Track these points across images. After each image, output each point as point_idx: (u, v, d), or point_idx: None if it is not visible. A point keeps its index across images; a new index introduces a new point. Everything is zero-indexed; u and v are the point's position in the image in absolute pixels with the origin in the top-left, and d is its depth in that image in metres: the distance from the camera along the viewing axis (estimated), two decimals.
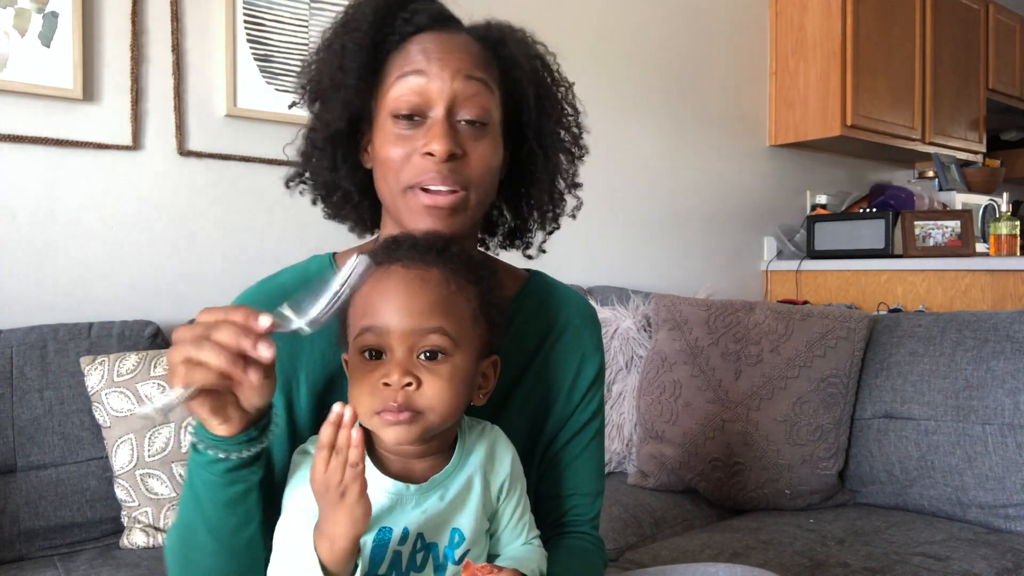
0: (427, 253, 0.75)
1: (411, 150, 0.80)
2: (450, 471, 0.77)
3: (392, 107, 0.81)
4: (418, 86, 0.80)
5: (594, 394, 0.96)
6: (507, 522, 0.82)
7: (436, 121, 0.80)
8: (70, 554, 1.51)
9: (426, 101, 0.80)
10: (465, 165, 0.81)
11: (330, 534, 0.67)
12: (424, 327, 0.71)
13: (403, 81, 0.80)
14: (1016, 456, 1.63)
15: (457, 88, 0.80)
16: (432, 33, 0.83)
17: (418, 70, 0.80)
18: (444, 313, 0.72)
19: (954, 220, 3.18)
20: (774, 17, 3.44)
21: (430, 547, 0.75)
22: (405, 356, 0.71)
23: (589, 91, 3.20)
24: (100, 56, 1.84)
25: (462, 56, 0.82)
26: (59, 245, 1.80)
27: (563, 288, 0.99)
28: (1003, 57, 4.05)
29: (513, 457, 0.83)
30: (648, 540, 1.68)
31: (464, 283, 0.75)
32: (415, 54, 0.81)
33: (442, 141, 0.78)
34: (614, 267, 2.87)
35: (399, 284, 0.73)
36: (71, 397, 1.57)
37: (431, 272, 0.73)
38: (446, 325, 0.72)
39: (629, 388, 2.08)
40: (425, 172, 0.79)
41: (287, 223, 2.07)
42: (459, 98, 0.80)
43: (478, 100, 0.81)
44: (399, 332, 0.71)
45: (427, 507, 0.75)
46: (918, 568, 1.44)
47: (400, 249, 0.76)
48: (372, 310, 0.72)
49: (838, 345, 1.83)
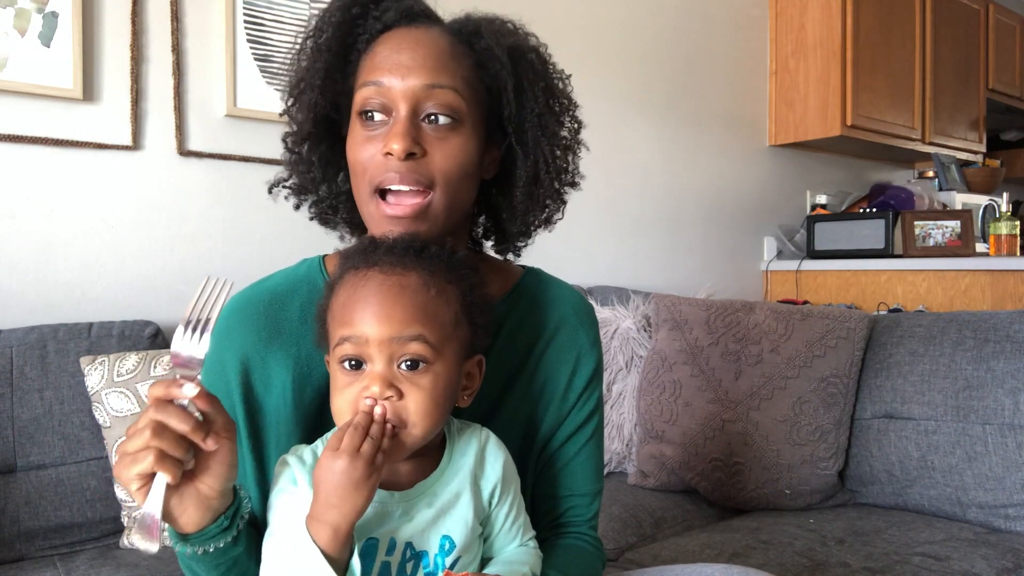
0: (405, 256, 0.73)
1: (374, 150, 0.79)
2: (437, 477, 0.75)
3: (358, 107, 0.81)
4: (381, 89, 0.79)
5: (591, 393, 0.93)
6: (500, 526, 0.80)
7: (398, 120, 0.78)
8: (70, 554, 1.51)
9: (390, 100, 0.79)
10: (428, 164, 0.78)
11: (332, 520, 0.66)
12: (404, 335, 0.70)
13: (367, 86, 0.80)
14: (1016, 456, 1.63)
15: (419, 89, 0.78)
16: (401, 30, 0.82)
17: (380, 75, 0.79)
18: (424, 319, 0.71)
19: (954, 220, 3.18)
20: (774, 17, 3.44)
21: (420, 555, 0.74)
22: (385, 366, 0.70)
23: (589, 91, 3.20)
24: (100, 56, 1.84)
25: (423, 58, 0.79)
26: (59, 245, 1.80)
27: (558, 284, 0.96)
28: (1003, 57, 4.05)
29: (505, 460, 0.80)
30: (648, 540, 1.68)
31: (444, 284, 0.73)
32: (380, 56, 0.80)
33: (400, 139, 0.76)
34: (614, 267, 2.87)
35: (376, 290, 0.71)
36: (71, 397, 1.57)
37: (409, 276, 0.72)
38: (426, 332, 0.70)
39: (629, 388, 2.08)
40: (386, 172, 0.78)
41: (287, 223, 2.07)
42: (422, 97, 0.79)
43: (443, 97, 0.79)
44: (378, 341, 0.69)
45: (414, 515, 0.73)
46: (918, 568, 1.44)
47: (377, 252, 0.74)
48: (350, 318, 0.71)
49: (838, 345, 1.83)
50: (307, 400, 0.84)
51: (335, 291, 0.75)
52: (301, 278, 0.88)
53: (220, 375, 0.84)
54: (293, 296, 0.87)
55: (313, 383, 0.84)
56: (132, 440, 0.64)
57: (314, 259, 0.91)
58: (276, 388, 0.83)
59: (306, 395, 0.84)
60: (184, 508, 0.68)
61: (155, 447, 0.63)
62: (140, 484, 0.64)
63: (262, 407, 0.84)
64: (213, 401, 0.67)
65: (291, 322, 0.85)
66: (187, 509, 0.68)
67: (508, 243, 0.94)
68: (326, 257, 0.91)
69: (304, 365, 0.84)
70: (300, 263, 0.91)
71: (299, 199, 0.91)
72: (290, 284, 0.88)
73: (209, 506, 0.68)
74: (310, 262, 0.91)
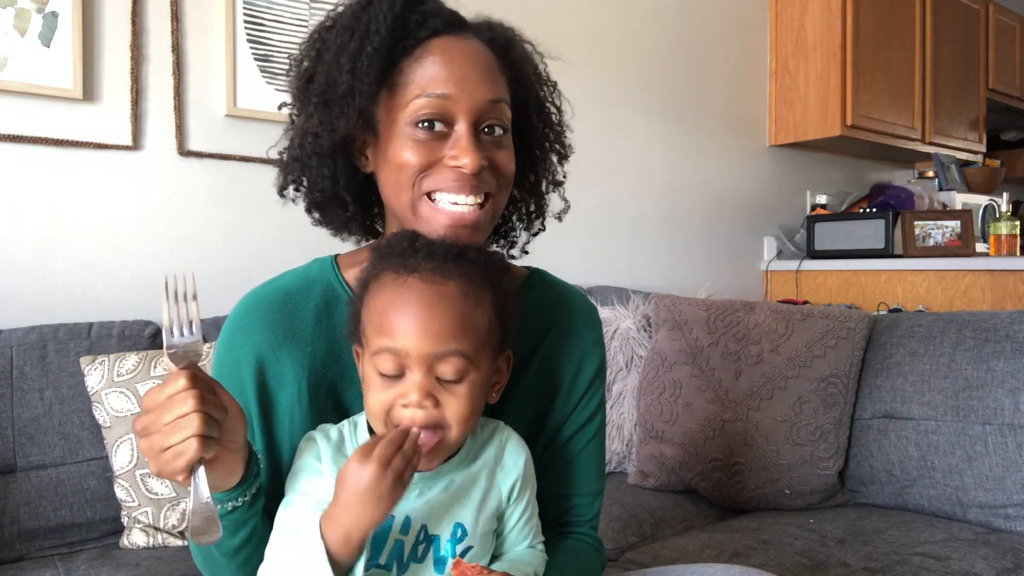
0: (445, 261, 0.74)
1: (433, 158, 0.80)
2: (457, 463, 0.77)
3: (412, 118, 0.80)
4: (446, 101, 0.79)
5: (594, 392, 0.95)
6: (514, 524, 0.82)
7: (462, 134, 0.79)
8: (70, 554, 1.51)
9: (453, 112, 0.80)
10: (490, 175, 0.81)
11: (347, 526, 0.67)
12: (443, 351, 0.71)
13: (428, 97, 0.79)
14: (1016, 456, 1.63)
15: (484, 103, 0.80)
16: (449, 39, 0.82)
17: (444, 87, 0.79)
18: (463, 333, 0.73)
19: (954, 220, 3.18)
20: (774, 17, 3.44)
21: (432, 539, 0.75)
22: (424, 377, 0.72)
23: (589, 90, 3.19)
24: (100, 56, 1.84)
25: (483, 72, 0.81)
26: (59, 245, 1.80)
27: (563, 285, 0.98)
28: (1003, 57, 4.05)
29: (527, 459, 0.83)
30: (648, 540, 1.68)
31: (480, 291, 0.75)
32: (436, 67, 0.80)
33: (472, 155, 0.78)
34: (614, 267, 2.86)
35: (416, 300, 0.72)
36: (71, 397, 1.57)
37: (449, 285, 0.73)
38: (465, 347, 0.72)
39: (629, 388, 2.08)
40: (452, 181, 0.79)
41: (287, 223, 2.07)
42: (486, 111, 0.81)
43: (502, 111, 0.82)
44: (418, 355, 0.71)
45: (431, 496, 0.75)
46: (918, 568, 1.44)
47: (417, 255, 0.74)
48: (390, 328, 0.72)
49: (838, 345, 1.83)
50: (321, 399, 0.85)
51: (371, 290, 0.76)
52: (314, 278, 0.89)
53: (234, 373, 0.84)
54: (307, 297, 0.87)
55: (327, 383, 0.85)
56: (170, 435, 0.66)
57: (326, 259, 0.91)
58: (290, 387, 0.84)
59: (320, 395, 0.85)
60: (223, 469, 0.71)
61: (196, 435, 0.65)
62: (186, 474, 0.67)
63: (276, 406, 0.85)
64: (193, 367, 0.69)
65: (306, 323, 0.86)
66: (224, 467, 0.71)
67: (514, 244, 0.98)
68: (338, 257, 0.91)
69: (319, 365, 0.85)
70: (311, 263, 0.91)
71: (313, 204, 0.89)
72: (303, 284, 0.88)
73: (240, 455, 0.72)
74: (322, 262, 0.91)
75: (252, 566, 0.78)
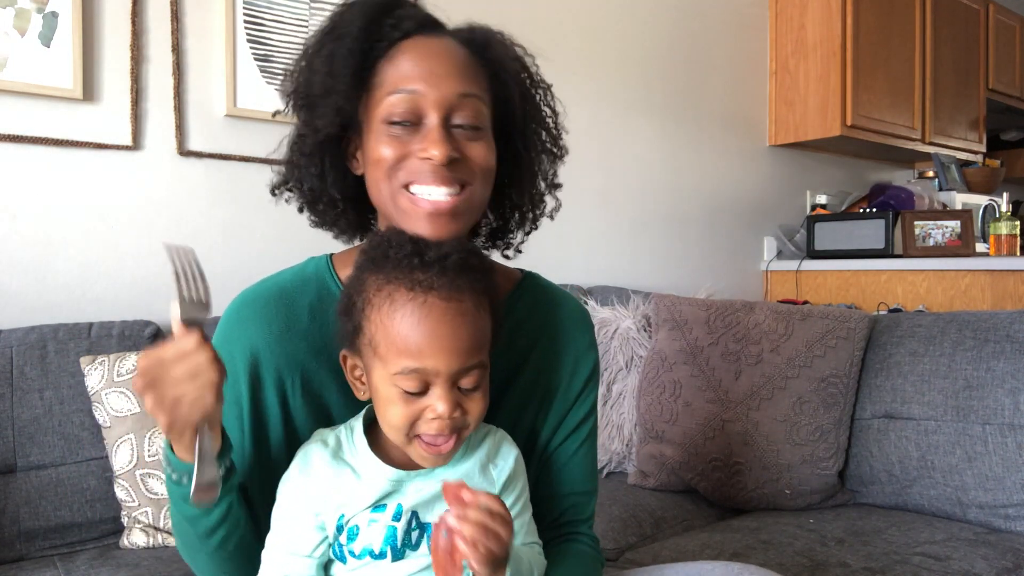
0: (457, 276, 0.74)
1: (406, 152, 0.81)
2: (454, 459, 0.79)
3: (385, 113, 0.82)
4: (415, 96, 0.81)
5: (589, 394, 0.96)
6: None
7: (432, 127, 0.81)
8: (70, 554, 1.51)
9: (422, 107, 0.81)
10: (463, 166, 0.82)
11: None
12: (468, 365, 0.74)
13: (397, 96, 0.81)
14: (1016, 456, 1.63)
15: (452, 97, 0.81)
16: (421, 39, 0.84)
17: (412, 83, 0.81)
18: (481, 345, 0.76)
19: (954, 220, 3.18)
20: (774, 17, 3.44)
21: (425, 527, 0.77)
22: (450, 391, 0.74)
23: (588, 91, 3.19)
24: (100, 56, 1.84)
25: (452, 67, 0.82)
26: (59, 245, 1.80)
27: (556, 289, 0.99)
28: (1003, 57, 4.05)
29: (517, 456, 0.84)
30: (648, 540, 1.68)
31: (482, 298, 0.77)
32: (408, 64, 0.82)
33: (440, 146, 0.79)
34: (614, 267, 2.86)
35: (440, 321, 0.73)
36: (71, 397, 1.57)
37: (464, 301, 0.74)
38: (483, 357, 0.76)
39: (629, 388, 2.08)
40: (421, 173, 0.81)
41: (287, 223, 2.07)
42: (455, 105, 0.82)
43: (473, 105, 0.83)
44: (447, 374, 0.73)
45: (424, 487, 0.78)
46: (918, 568, 1.44)
47: (429, 271, 0.74)
48: (417, 350, 0.72)
49: (838, 345, 1.83)
50: (313, 396, 0.86)
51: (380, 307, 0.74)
52: (310, 277, 0.90)
53: (228, 366, 0.84)
54: (303, 295, 0.88)
55: (319, 380, 0.86)
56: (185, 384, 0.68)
57: (321, 258, 0.92)
58: (283, 381, 0.85)
59: (312, 391, 0.86)
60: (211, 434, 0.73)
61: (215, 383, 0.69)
62: (194, 430, 0.70)
63: (268, 400, 0.86)
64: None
65: (301, 320, 0.87)
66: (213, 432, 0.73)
67: (510, 245, 0.98)
68: (333, 256, 0.92)
69: (312, 362, 0.86)
70: (307, 262, 0.92)
71: (305, 203, 0.91)
72: (299, 282, 0.89)
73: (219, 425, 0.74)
74: (318, 261, 0.92)
75: (226, 551, 0.80)
